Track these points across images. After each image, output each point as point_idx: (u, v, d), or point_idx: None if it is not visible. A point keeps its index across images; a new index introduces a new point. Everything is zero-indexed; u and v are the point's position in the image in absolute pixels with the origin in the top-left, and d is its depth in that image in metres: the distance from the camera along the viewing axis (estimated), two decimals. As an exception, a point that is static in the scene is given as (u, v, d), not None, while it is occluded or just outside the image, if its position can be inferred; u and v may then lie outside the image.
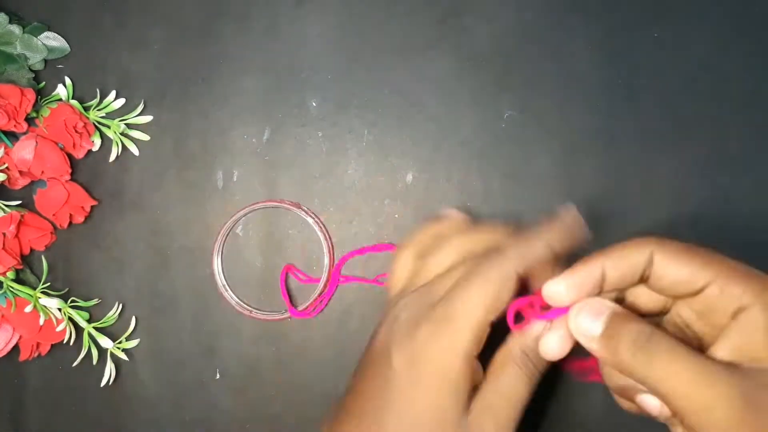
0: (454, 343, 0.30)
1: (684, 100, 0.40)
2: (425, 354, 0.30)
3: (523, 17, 0.41)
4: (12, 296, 0.39)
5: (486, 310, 0.30)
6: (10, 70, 0.41)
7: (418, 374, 0.30)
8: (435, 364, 0.30)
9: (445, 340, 0.30)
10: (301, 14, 0.42)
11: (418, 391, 0.30)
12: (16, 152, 0.39)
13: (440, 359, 0.30)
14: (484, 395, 0.30)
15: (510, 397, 0.30)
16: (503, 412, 0.30)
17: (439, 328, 0.30)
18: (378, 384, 0.31)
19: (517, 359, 0.31)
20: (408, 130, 0.41)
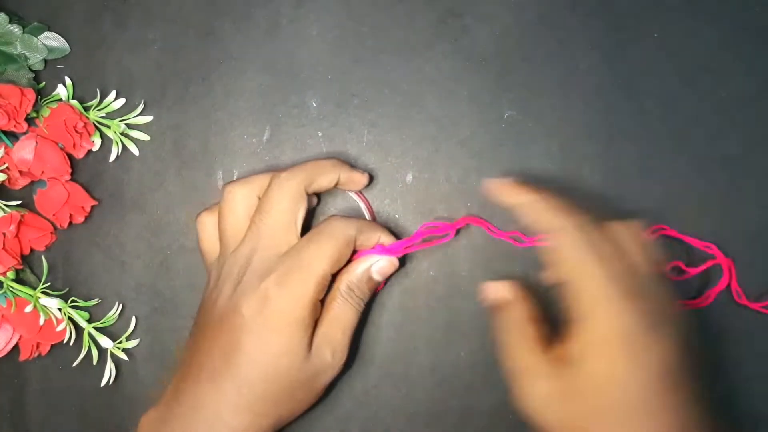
0: (302, 289, 0.34)
1: (684, 100, 0.40)
2: (276, 301, 0.34)
3: (523, 17, 0.41)
4: (12, 296, 0.39)
5: (330, 265, 0.35)
6: (10, 70, 0.41)
7: (268, 318, 0.34)
8: (285, 310, 0.34)
9: (294, 287, 0.34)
10: (301, 14, 0.42)
11: (270, 333, 0.34)
12: (16, 152, 0.39)
13: (289, 305, 0.34)
14: (321, 329, 0.35)
15: (341, 325, 0.36)
16: (337, 338, 0.36)
17: (288, 275, 0.34)
18: (227, 334, 0.35)
19: (344, 293, 0.36)
20: (408, 130, 0.41)
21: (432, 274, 0.41)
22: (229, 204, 0.37)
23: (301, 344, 0.34)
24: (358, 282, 0.37)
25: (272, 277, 0.34)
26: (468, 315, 0.40)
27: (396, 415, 0.41)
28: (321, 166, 0.37)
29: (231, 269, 0.36)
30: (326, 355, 0.35)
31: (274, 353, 0.34)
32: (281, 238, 0.36)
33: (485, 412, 0.40)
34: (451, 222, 0.39)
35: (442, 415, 0.40)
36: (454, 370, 0.40)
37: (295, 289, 0.34)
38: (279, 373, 0.34)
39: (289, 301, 0.34)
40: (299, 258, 0.35)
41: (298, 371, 0.34)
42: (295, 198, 0.36)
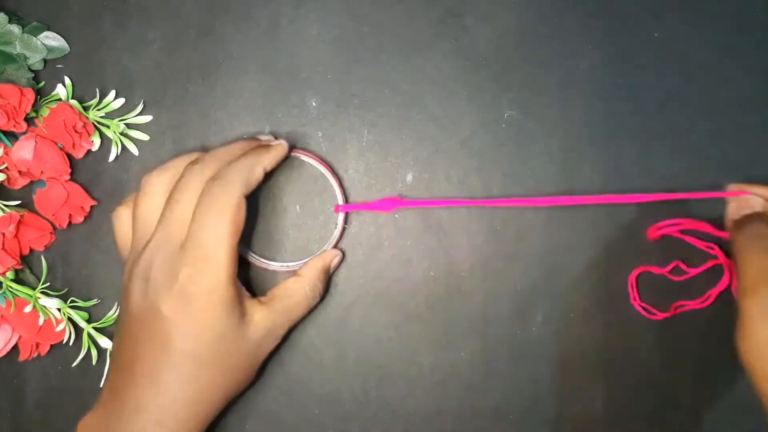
0: (216, 275, 0.34)
1: (684, 100, 0.40)
2: (193, 293, 0.34)
3: (524, 17, 0.41)
4: (11, 296, 0.39)
5: (231, 236, 0.34)
6: (9, 69, 0.41)
7: (192, 311, 0.34)
8: (205, 298, 0.34)
9: (207, 276, 0.34)
10: (301, 14, 0.42)
11: (198, 325, 0.34)
12: (16, 152, 0.39)
13: (208, 292, 0.34)
14: (262, 306, 0.36)
15: (286, 309, 0.37)
16: (277, 319, 0.37)
17: (197, 267, 0.34)
18: (155, 334, 0.34)
19: (307, 291, 0.38)
20: (408, 130, 0.41)
21: (432, 274, 0.41)
22: (144, 194, 0.37)
23: (232, 324, 0.35)
24: (320, 282, 0.39)
25: (183, 272, 0.34)
26: (468, 315, 0.40)
27: (396, 415, 0.41)
28: (230, 153, 0.37)
29: (141, 265, 0.35)
30: (261, 331, 0.36)
31: (208, 341, 0.34)
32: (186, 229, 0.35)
33: (485, 412, 0.40)
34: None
35: (442, 415, 0.40)
36: (454, 370, 0.40)
37: (209, 279, 0.34)
38: (218, 358, 0.35)
39: (208, 291, 0.34)
40: (199, 245, 0.34)
41: (238, 349, 0.35)
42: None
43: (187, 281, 0.34)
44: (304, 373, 0.41)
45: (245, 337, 0.35)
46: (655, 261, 0.40)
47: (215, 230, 0.34)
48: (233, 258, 0.35)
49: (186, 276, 0.34)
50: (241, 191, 0.35)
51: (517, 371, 0.40)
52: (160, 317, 0.34)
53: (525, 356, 0.40)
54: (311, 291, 0.38)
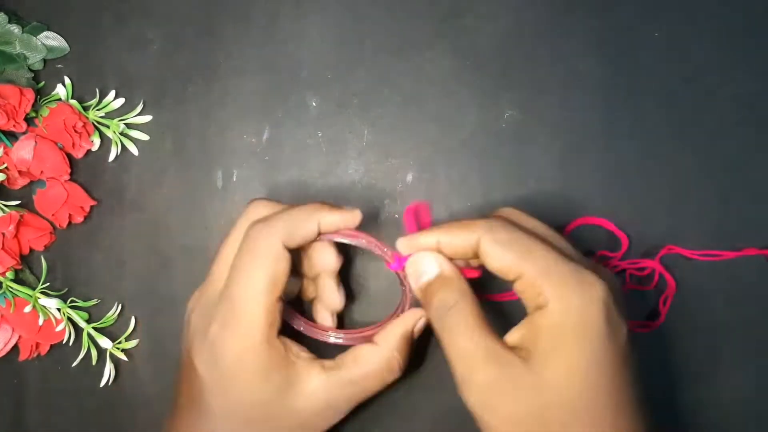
0: (247, 335, 0.30)
1: (684, 100, 0.40)
2: (221, 353, 0.30)
3: (524, 17, 0.41)
4: (11, 296, 0.39)
5: (268, 292, 0.30)
6: (9, 69, 0.40)
7: (220, 372, 0.31)
8: (234, 361, 0.30)
9: (236, 336, 0.30)
10: (301, 14, 0.42)
11: (229, 388, 0.30)
12: (16, 152, 0.39)
13: (237, 355, 0.30)
14: (336, 377, 0.31)
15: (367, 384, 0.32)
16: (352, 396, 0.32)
17: (226, 324, 0.31)
18: (192, 394, 0.32)
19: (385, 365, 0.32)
20: (408, 130, 0.41)
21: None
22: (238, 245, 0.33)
23: (271, 392, 0.31)
24: (399, 353, 0.33)
25: (212, 328, 0.31)
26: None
27: (396, 415, 0.41)
28: (297, 215, 0.32)
29: (188, 305, 0.34)
30: (318, 402, 0.31)
31: (241, 408, 0.31)
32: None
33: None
34: None
35: (442, 415, 0.40)
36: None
37: (238, 340, 0.31)
38: (256, 426, 0.31)
39: (237, 354, 0.30)
40: (231, 298, 0.31)
41: (281, 420, 0.31)
42: (268, 256, 0.31)
43: (216, 338, 0.31)
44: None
45: (293, 407, 0.31)
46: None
47: (249, 282, 0.31)
48: (270, 317, 0.31)
49: (215, 333, 0.31)
50: (281, 238, 0.31)
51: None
52: (193, 367, 0.31)
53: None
54: (388, 362, 0.32)
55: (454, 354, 0.30)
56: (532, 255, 0.30)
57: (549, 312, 0.29)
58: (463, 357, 0.29)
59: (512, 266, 0.30)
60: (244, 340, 0.30)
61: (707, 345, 0.40)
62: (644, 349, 0.40)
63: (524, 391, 0.28)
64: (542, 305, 0.29)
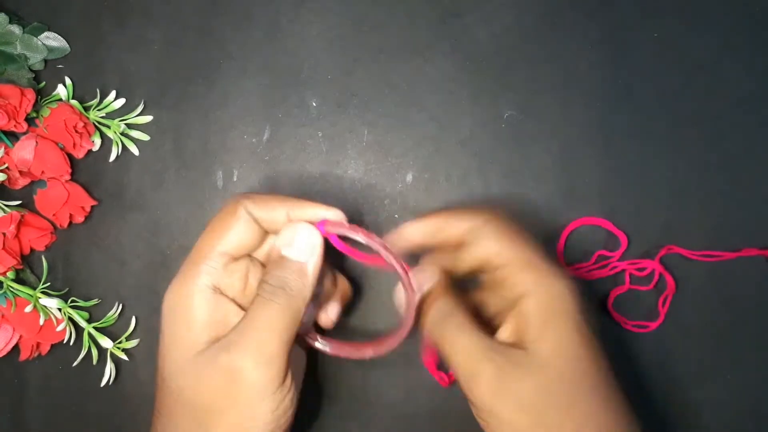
0: (184, 279, 0.32)
1: (684, 100, 0.40)
2: (166, 298, 0.32)
3: (523, 17, 0.41)
4: (12, 296, 0.39)
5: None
6: (10, 70, 0.41)
7: (163, 319, 0.32)
8: (170, 303, 0.32)
9: (178, 279, 0.32)
10: (301, 14, 0.42)
11: (165, 334, 0.31)
12: (17, 152, 0.39)
13: (172, 298, 0.32)
14: (237, 325, 0.30)
15: (264, 327, 0.30)
16: (263, 343, 0.29)
17: (177, 277, 0.32)
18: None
19: (261, 290, 0.31)
20: (408, 130, 0.41)
21: (432, 274, 0.41)
22: None
23: (192, 335, 0.31)
24: (269, 269, 0.32)
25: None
26: (468, 315, 0.40)
27: (396, 415, 0.41)
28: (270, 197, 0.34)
29: None
30: (248, 365, 0.30)
31: (171, 348, 0.31)
32: None
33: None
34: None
35: (442, 415, 0.40)
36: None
37: (184, 282, 0.32)
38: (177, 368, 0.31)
39: (180, 295, 0.32)
40: (189, 255, 0.33)
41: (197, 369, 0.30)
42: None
43: (168, 289, 0.32)
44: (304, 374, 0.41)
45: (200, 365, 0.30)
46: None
47: (205, 235, 0.33)
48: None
49: (171, 282, 0.33)
50: (247, 205, 0.33)
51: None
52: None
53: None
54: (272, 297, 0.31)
55: (457, 353, 0.31)
56: (520, 246, 0.32)
57: (534, 298, 0.31)
58: (468, 354, 0.30)
59: (502, 254, 0.32)
60: (186, 287, 0.32)
61: (707, 345, 0.40)
62: (644, 349, 0.40)
63: (528, 374, 0.29)
64: (524, 294, 0.31)
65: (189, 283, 0.32)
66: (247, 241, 0.33)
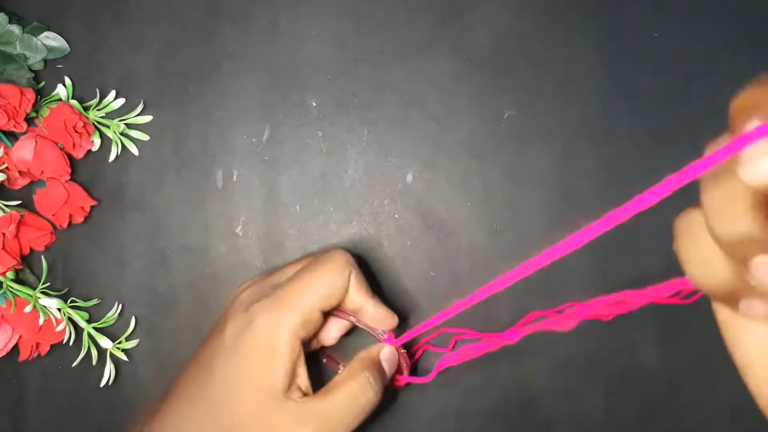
0: (281, 318, 0.32)
1: (684, 100, 0.40)
2: (253, 325, 0.32)
3: (523, 17, 0.41)
4: (12, 296, 0.39)
5: (319, 298, 0.33)
6: (9, 70, 0.41)
7: (242, 343, 0.32)
8: (259, 335, 0.32)
9: (274, 314, 0.32)
10: (301, 14, 0.42)
11: (240, 359, 0.32)
12: (16, 152, 0.39)
13: (265, 331, 0.32)
14: (325, 400, 0.32)
15: (349, 410, 0.32)
16: (333, 417, 0.32)
17: (272, 303, 0.32)
18: (207, 355, 0.33)
19: (364, 373, 0.33)
20: (408, 130, 0.41)
21: (432, 275, 0.41)
22: None
23: (271, 378, 0.32)
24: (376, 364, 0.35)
25: (261, 302, 0.33)
26: (468, 315, 0.40)
27: (396, 415, 0.41)
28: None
29: (239, 295, 0.36)
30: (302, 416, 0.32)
31: (241, 379, 0.32)
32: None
33: (485, 412, 0.40)
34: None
35: (442, 415, 0.40)
36: (454, 370, 0.40)
37: (278, 317, 0.32)
38: (247, 407, 0.32)
39: (270, 328, 0.32)
40: (290, 287, 0.33)
41: (269, 413, 0.32)
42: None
43: (256, 313, 0.33)
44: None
45: (285, 404, 0.32)
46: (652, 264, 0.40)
47: (308, 284, 0.34)
48: (308, 318, 0.33)
49: (258, 308, 0.33)
50: (350, 273, 0.34)
51: (517, 371, 0.40)
52: (221, 336, 0.34)
53: (525, 356, 0.40)
54: (358, 383, 0.33)
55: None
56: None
57: None
58: None
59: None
60: (276, 325, 0.32)
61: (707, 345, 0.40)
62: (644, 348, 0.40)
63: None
64: None
65: (286, 327, 0.32)
66: (337, 302, 0.34)
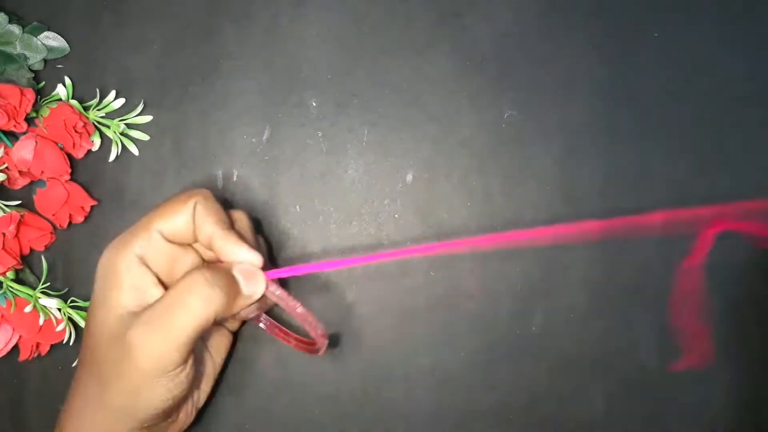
0: (118, 244, 0.34)
1: (684, 100, 0.40)
2: (102, 257, 0.35)
3: (523, 17, 0.41)
4: (12, 296, 0.39)
5: (156, 221, 0.34)
6: (9, 70, 0.41)
7: (96, 277, 0.35)
8: (102, 263, 0.35)
9: (114, 243, 0.34)
10: (301, 14, 0.42)
11: (94, 291, 0.34)
12: (16, 152, 0.39)
13: (106, 259, 0.34)
14: (153, 305, 0.32)
15: (180, 319, 0.31)
16: (174, 335, 0.31)
17: (117, 237, 0.35)
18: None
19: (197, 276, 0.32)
20: (408, 130, 0.41)
21: (432, 275, 0.41)
22: None
23: (114, 297, 0.33)
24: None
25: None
26: (468, 315, 0.40)
27: (396, 415, 0.41)
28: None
29: None
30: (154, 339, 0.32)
31: (97, 308, 0.34)
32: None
33: (485, 412, 0.40)
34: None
35: (442, 415, 0.40)
36: (454, 370, 0.40)
37: (116, 244, 0.34)
38: (103, 329, 0.33)
39: (109, 255, 0.34)
40: (136, 222, 0.34)
41: (120, 331, 0.32)
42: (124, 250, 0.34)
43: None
44: (304, 373, 0.41)
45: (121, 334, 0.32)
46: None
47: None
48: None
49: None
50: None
51: (517, 371, 0.40)
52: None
53: (525, 356, 0.40)
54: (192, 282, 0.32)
55: None
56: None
57: None
58: None
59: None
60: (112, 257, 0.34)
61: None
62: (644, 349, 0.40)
63: None
64: None
65: (122, 251, 0.34)
66: (183, 232, 0.35)
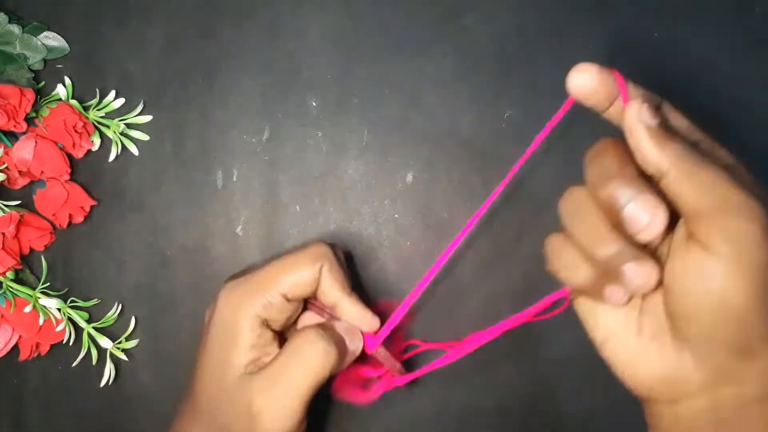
0: (240, 299, 0.33)
1: (683, 100, 0.40)
2: (218, 307, 0.34)
3: (524, 17, 0.41)
4: (11, 296, 0.39)
5: (284, 284, 0.33)
6: (9, 69, 0.41)
7: (210, 326, 0.34)
8: (220, 315, 0.34)
9: (235, 296, 0.34)
10: (301, 14, 0.42)
11: (207, 340, 0.34)
12: (16, 152, 0.39)
13: (225, 311, 0.34)
14: (272, 364, 0.33)
15: (296, 378, 0.32)
16: (290, 397, 0.32)
17: (236, 286, 0.34)
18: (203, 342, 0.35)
19: (314, 335, 0.33)
20: (408, 130, 0.41)
21: (432, 274, 0.41)
22: None
23: (230, 359, 0.33)
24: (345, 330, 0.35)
25: (228, 284, 0.34)
26: (468, 315, 0.40)
27: (397, 415, 0.41)
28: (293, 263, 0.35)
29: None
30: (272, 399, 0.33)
31: (211, 363, 0.34)
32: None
33: (486, 412, 0.40)
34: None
35: (442, 415, 0.40)
36: (455, 371, 0.40)
37: (238, 298, 0.34)
38: (212, 381, 0.34)
39: (229, 308, 0.34)
40: (258, 273, 0.34)
41: (230, 387, 0.34)
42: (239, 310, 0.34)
43: (222, 298, 0.34)
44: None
45: (240, 381, 0.33)
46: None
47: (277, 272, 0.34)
48: (269, 300, 0.34)
49: (224, 293, 0.35)
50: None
51: (517, 371, 0.40)
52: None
53: (525, 356, 0.40)
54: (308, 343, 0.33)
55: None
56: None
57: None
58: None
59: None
60: (235, 309, 0.34)
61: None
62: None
63: None
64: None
65: (243, 308, 0.33)
66: (306, 292, 0.35)
